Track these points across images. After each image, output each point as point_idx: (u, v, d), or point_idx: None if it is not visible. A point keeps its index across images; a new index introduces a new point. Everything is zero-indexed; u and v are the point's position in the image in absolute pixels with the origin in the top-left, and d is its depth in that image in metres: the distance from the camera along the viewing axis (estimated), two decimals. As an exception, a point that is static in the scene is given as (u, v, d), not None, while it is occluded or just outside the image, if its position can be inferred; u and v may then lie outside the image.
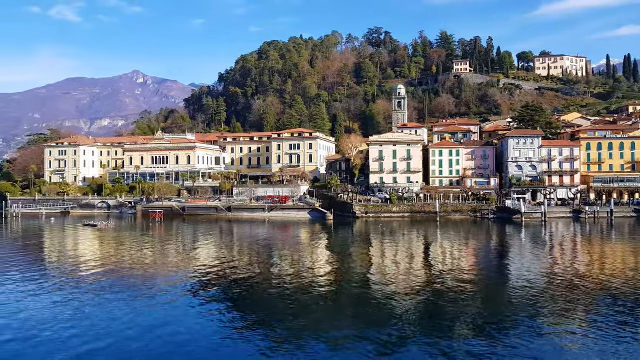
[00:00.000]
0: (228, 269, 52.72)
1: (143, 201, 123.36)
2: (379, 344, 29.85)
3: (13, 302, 38.90)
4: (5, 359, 27.92)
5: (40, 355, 28.13)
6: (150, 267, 54.90)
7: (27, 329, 32.43)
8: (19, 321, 34.00)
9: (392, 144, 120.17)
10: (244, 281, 46.79)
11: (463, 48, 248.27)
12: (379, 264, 57.17)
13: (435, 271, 51.50)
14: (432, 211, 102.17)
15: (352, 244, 74.64)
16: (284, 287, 44.32)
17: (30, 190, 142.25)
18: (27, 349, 29.13)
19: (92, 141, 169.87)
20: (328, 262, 58.75)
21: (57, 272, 51.54)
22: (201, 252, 65.65)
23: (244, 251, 66.64)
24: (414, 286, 44.36)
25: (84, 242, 74.42)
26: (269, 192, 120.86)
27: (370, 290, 44.09)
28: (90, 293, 41.67)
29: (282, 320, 34.78)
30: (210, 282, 46.19)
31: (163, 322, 34.04)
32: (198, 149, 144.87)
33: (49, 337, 30.92)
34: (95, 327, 32.69)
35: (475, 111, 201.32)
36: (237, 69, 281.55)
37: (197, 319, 35.09)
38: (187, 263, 57.13)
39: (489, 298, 41.35)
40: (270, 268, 53.75)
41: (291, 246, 72.58)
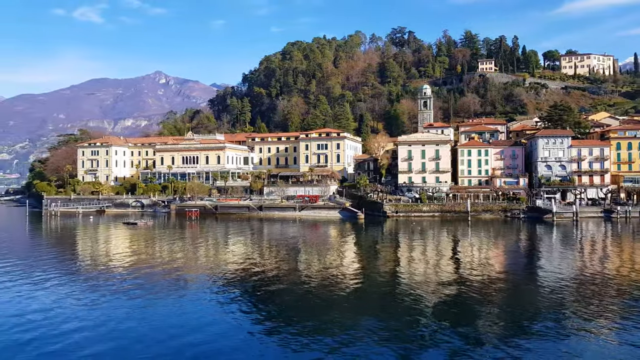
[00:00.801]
0: (262, 266, 54.69)
1: (176, 200, 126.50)
2: (405, 342, 30.09)
3: (62, 298, 41.10)
4: (40, 354, 28.78)
5: (74, 350, 29.10)
6: (189, 264, 57.16)
7: (58, 323, 33.91)
8: (54, 316, 35.45)
9: (421, 144, 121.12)
10: (277, 278, 48.23)
11: (488, 47, 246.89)
12: (411, 262, 58.25)
13: (466, 270, 52.19)
14: (463, 210, 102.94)
15: (385, 242, 76.02)
16: (314, 284, 45.48)
17: (66, 190, 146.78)
18: (56, 343, 30.21)
19: (123, 141, 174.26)
20: (361, 260, 60.47)
21: (103, 269, 54.12)
22: (236, 249, 67.75)
23: (277, 249, 68.49)
24: (443, 285, 44.94)
25: (128, 240, 77.19)
26: (299, 191, 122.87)
27: (401, 288, 44.35)
28: (137, 289, 43.97)
29: (308, 317, 35.49)
30: (247, 279, 47.87)
31: (193, 318, 34.95)
32: (228, 149, 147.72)
33: (80, 329, 32.55)
34: (130, 322, 34.13)
35: (500, 110, 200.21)
36: (261, 70, 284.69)
37: (227, 315, 35.86)
38: (223, 260, 59.27)
39: (520, 298, 41.36)
40: (302, 265, 55.43)
41: (323, 244, 74.39)
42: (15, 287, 44.01)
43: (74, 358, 28.00)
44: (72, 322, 34.17)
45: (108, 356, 28.22)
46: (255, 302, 40.23)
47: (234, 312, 36.58)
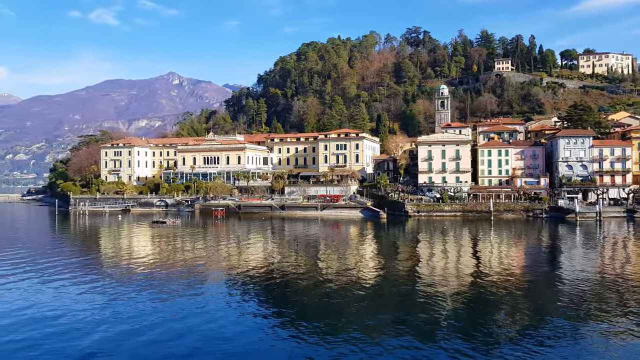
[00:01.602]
0: (286, 265, 56.06)
1: (199, 199, 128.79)
2: (423, 341, 30.33)
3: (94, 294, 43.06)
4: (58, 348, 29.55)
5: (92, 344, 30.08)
6: (217, 262, 58.76)
7: (80, 318, 35.05)
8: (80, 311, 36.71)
9: (441, 144, 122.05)
10: (301, 276, 49.29)
11: (504, 47, 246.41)
12: (435, 260, 59.12)
13: (489, 269, 52.45)
14: (485, 210, 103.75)
15: (408, 241, 77.16)
16: (337, 282, 46.18)
17: (91, 189, 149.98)
18: (75, 338, 31.14)
19: (145, 142, 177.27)
20: (385, 258, 61.62)
21: (134, 266, 56.05)
22: (260, 248, 69.36)
23: (300, 247, 69.93)
24: (465, 284, 45.47)
25: (158, 238, 79.18)
26: (320, 191, 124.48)
27: (423, 287, 44.64)
28: (164, 284, 45.84)
29: (327, 315, 35.93)
30: (270, 277, 48.81)
31: (213, 316, 35.70)
32: (248, 150, 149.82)
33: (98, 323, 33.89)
34: (152, 318, 35.25)
35: (517, 110, 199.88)
36: (277, 71, 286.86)
37: (246, 313, 36.49)
38: (248, 258, 60.54)
39: (542, 297, 41.38)
40: (326, 263, 56.65)
41: (346, 243, 75.89)
42: (53, 283, 45.94)
43: (92, 352, 28.81)
44: (95, 316, 35.45)
45: (125, 353, 28.86)
46: (276, 300, 40.98)
47: (253, 310, 37.26)
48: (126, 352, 28.99)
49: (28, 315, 35.67)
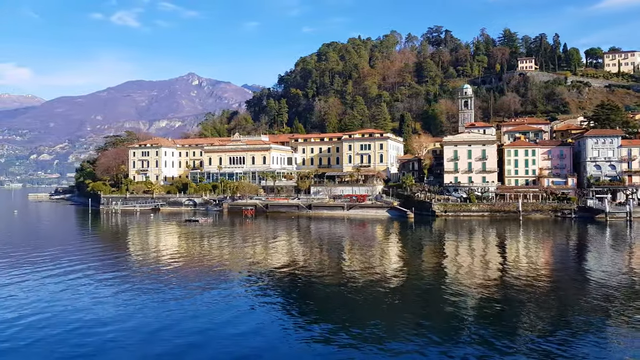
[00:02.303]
0: (316, 263, 57.62)
1: (226, 199, 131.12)
2: (446, 341, 30.38)
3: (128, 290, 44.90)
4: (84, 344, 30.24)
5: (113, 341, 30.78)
6: (249, 259, 60.40)
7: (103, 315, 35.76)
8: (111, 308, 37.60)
9: (467, 144, 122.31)
10: (332, 273, 50.38)
11: (527, 45, 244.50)
12: (464, 260, 59.50)
13: (519, 269, 52.38)
14: (512, 210, 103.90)
15: (438, 241, 77.86)
16: (365, 280, 46.72)
17: (121, 189, 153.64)
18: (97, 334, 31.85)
19: (171, 142, 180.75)
20: (414, 257, 62.70)
21: (170, 263, 58.05)
22: (290, 246, 70.92)
23: (329, 246, 71.11)
24: (496, 284, 45.52)
25: (192, 236, 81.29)
26: (346, 191, 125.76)
27: (450, 286, 44.80)
28: (198, 280, 47.50)
29: (350, 314, 36.06)
30: (302, 274, 49.87)
31: (236, 314, 36.28)
32: (273, 150, 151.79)
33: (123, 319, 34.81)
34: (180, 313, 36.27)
35: (542, 110, 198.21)
36: (297, 71, 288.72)
37: (270, 311, 37.01)
38: (277, 256, 61.95)
39: (573, 298, 41.06)
40: (354, 262, 57.72)
41: (376, 242, 77.00)
42: (85, 279, 48.06)
43: (116, 348, 29.60)
44: (121, 312, 36.62)
45: (145, 349, 29.41)
46: (304, 298, 41.57)
47: (278, 308, 37.87)
48: (150, 347, 29.68)
49: (69, 310, 37.01)
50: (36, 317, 35.15)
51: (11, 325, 33.54)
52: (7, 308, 37.54)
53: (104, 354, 28.75)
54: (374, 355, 28.36)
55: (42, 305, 38.17)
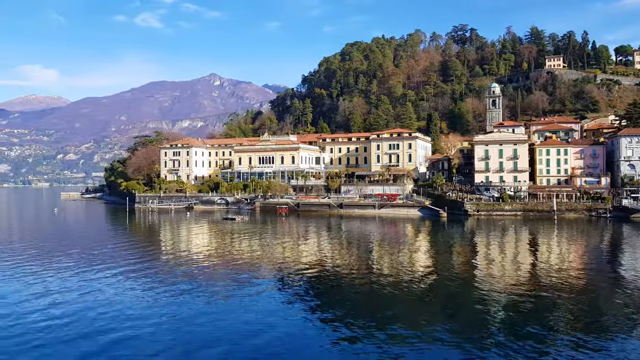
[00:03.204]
0: (356, 261, 58.87)
1: (258, 197, 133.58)
2: (471, 341, 30.16)
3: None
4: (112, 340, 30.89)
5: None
6: (284, 257, 62.21)
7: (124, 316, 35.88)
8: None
9: (498, 144, 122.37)
10: (364, 271, 51.24)
11: (554, 43, 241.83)
12: (498, 259, 59.74)
13: (553, 268, 52.12)
14: (545, 209, 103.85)
15: (472, 240, 78.38)
16: (398, 279, 47.07)
17: (154, 188, 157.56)
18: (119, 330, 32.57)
19: (201, 143, 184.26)
20: (450, 255, 63.58)
21: (213, 260, 60.19)
22: (327, 243, 72.42)
23: (364, 244, 72.49)
24: (533, 283, 45.35)
25: (232, 234, 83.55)
26: (376, 190, 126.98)
27: (485, 285, 44.70)
28: (232, 277, 49.36)
29: (377, 313, 36.03)
30: (333, 272, 50.92)
31: (261, 311, 36.64)
32: (301, 150, 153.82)
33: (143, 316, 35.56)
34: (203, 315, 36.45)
35: (570, 108, 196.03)
36: (321, 71, 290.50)
37: (295, 309, 37.38)
38: (312, 254, 63.60)
39: (608, 300, 40.31)
40: (387, 261, 58.43)
41: (410, 241, 78.12)
42: (124, 275, 50.34)
43: (139, 344, 30.13)
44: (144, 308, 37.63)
45: (170, 347, 29.81)
46: (340, 295, 41.97)
47: (303, 307, 38.21)
48: (175, 342, 30.37)
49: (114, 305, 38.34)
50: (101, 311, 37.28)
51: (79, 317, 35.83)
52: (90, 308, 39.89)
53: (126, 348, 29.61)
54: (402, 355, 28.24)
55: (108, 301, 40.47)
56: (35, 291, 42.51)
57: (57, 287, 44.08)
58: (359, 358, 28.09)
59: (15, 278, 47.92)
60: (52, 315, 35.45)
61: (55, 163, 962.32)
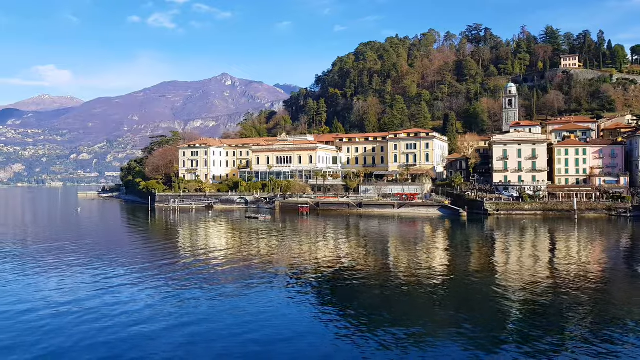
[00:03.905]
0: (377, 259, 60.16)
1: (277, 197, 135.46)
2: (488, 342, 30.02)
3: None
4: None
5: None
6: (306, 255, 63.88)
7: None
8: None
9: (517, 143, 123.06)
10: (384, 270, 52.53)
11: (569, 42, 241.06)
12: (520, 258, 60.46)
13: (574, 268, 52.30)
14: (565, 209, 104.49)
15: (493, 239, 79.04)
16: (417, 278, 47.57)
17: (174, 187, 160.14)
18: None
19: (219, 143, 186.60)
20: (474, 254, 64.46)
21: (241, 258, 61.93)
22: (349, 242, 73.91)
23: (386, 243, 74.04)
24: (554, 283, 45.19)
25: (257, 232, 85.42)
26: (395, 189, 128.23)
27: (507, 284, 45.10)
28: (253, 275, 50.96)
29: (394, 312, 36.20)
30: (355, 271, 52.08)
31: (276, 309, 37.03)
32: (319, 150, 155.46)
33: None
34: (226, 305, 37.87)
35: (586, 108, 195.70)
36: (335, 71, 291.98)
37: (312, 308, 37.67)
38: (335, 252, 65.34)
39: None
40: (409, 260, 59.66)
41: (431, 240, 79.31)
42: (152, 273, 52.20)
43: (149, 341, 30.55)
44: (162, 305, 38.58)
45: (188, 344, 30.11)
46: (348, 296, 41.81)
47: (320, 305, 38.65)
48: (190, 341, 30.59)
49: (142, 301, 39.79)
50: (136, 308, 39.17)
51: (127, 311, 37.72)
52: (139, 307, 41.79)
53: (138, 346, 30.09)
54: (418, 354, 28.23)
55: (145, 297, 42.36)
56: (86, 288, 44.50)
57: (106, 284, 46.06)
58: (373, 357, 27.93)
59: (52, 275, 50.00)
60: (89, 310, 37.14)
61: (69, 163, 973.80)
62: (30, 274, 49.80)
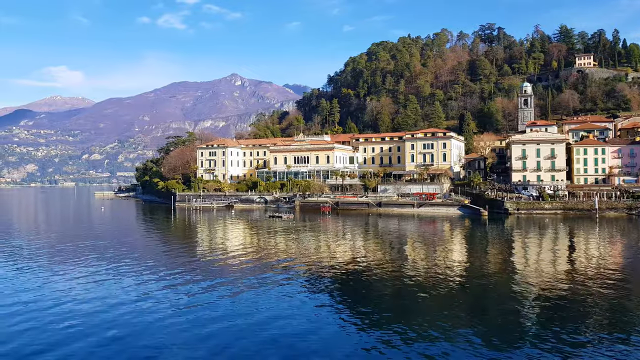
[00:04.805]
0: (399, 259, 61.75)
1: (297, 196, 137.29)
2: (505, 343, 29.82)
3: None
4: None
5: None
6: (325, 254, 65.50)
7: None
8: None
9: (536, 143, 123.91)
10: (403, 268, 53.59)
11: (583, 41, 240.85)
12: (544, 258, 61.47)
13: (595, 268, 52.40)
14: (586, 208, 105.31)
15: (515, 238, 79.87)
16: (437, 277, 47.68)
17: (193, 187, 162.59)
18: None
19: (236, 143, 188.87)
20: (489, 253, 65.44)
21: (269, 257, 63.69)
22: (371, 241, 75.38)
23: (407, 242, 75.34)
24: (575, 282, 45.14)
25: (283, 231, 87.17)
26: (413, 189, 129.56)
27: (525, 284, 44.82)
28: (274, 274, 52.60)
29: (410, 312, 36.52)
30: (362, 269, 53.87)
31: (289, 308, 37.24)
32: (336, 150, 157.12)
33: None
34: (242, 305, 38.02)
35: (602, 107, 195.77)
36: (348, 71, 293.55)
37: (329, 307, 37.78)
38: (355, 251, 66.96)
39: None
40: (429, 259, 60.95)
41: (454, 239, 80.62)
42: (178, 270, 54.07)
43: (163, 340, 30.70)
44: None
45: (203, 342, 30.24)
46: (370, 293, 42.15)
47: (337, 305, 38.76)
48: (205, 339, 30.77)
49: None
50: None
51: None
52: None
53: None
54: (433, 354, 28.18)
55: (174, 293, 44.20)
56: (126, 286, 46.52)
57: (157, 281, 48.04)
58: (386, 357, 27.98)
59: (96, 274, 52.07)
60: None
61: (81, 163, 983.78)
62: (79, 269, 51.91)
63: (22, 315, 35.48)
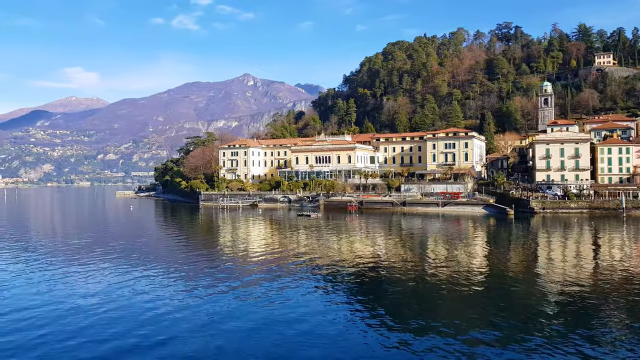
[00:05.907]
0: (429, 258, 63.25)
1: (320, 195, 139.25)
2: (521, 344, 29.72)
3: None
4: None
5: None
6: (347, 253, 67.20)
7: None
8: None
9: (560, 142, 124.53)
10: (427, 267, 55.25)
11: (603, 40, 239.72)
12: (577, 255, 62.75)
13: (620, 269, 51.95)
14: (612, 207, 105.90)
15: (542, 237, 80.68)
16: (462, 275, 48.42)
17: (217, 186, 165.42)
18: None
19: (257, 143, 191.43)
20: (513, 252, 66.70)
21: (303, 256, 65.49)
22: (397, 240, 77.03)
23: (433, 240, 76.83)
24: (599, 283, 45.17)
25: (311, 229, 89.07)
26: (437, 188, 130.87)
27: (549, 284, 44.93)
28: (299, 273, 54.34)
29: (427, 311, 36.93)
30: (388, 267, 55.68)
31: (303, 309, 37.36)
32: (358, 149, 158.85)
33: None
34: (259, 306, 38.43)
35: (622, 106, 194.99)
36: (364, 71, 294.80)
37: (347, 306, 38.21)
38: (379, 249, 68.65)
39: None
40: (455, 258, 62.44)
41: (484, 238, 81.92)
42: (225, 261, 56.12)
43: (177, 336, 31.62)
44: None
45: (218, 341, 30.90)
46: (386, 294, 42.20)
47: (356, 304, 39.04)
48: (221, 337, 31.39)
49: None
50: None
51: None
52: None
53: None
54: (454, 354, 28.29)
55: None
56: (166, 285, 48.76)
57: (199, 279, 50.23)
58: (406, 356, 28.24)
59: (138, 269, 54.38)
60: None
61: (96, 163, 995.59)
62: (124, 267, 54.38)
63: (76, 312, 37.84)
